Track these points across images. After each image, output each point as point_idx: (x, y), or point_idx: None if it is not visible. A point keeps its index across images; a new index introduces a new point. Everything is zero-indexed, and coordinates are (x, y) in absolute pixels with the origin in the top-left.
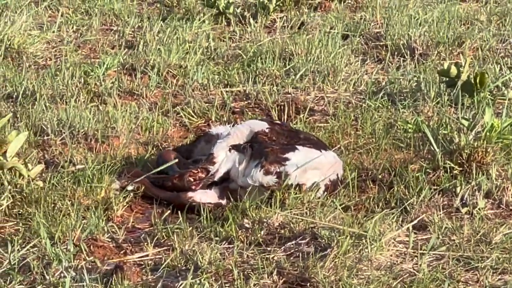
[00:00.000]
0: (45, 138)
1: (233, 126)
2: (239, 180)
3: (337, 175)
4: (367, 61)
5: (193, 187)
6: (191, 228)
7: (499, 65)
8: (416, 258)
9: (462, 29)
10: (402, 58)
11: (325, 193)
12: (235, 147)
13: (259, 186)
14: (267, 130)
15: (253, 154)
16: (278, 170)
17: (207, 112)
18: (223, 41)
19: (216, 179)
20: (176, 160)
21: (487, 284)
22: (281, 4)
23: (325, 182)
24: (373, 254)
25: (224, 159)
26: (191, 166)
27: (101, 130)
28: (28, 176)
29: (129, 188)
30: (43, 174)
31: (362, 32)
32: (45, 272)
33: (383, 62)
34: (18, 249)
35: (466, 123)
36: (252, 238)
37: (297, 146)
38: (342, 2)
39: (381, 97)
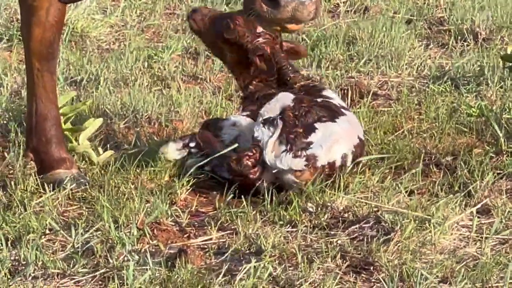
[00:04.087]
0: (109, 121)
1: None
2: (267, 157)
3: (358, 136)
4: (430, 45)
5: (251, 175)
6: (254, 212)
7: None
8: (479, 242)
9: None
10: (465, 43)
11: (355, 159)
12: (266, 121)
13: (289, 169)
14: (292, 104)
15: (281, 134)
16: (306, 154)
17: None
18: None
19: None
20: (237, 145)
21: None
22: None
23: (351, 150)
24: (437, 238)
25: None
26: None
27: (165, 114)
28: (97, 162)
29: (191, 144)
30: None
31: (426, 17)
32: (108, 255)
33: (446, 46)
34: (81, 233)
35: None
36: (316, 222)
37: (315, 125)
38: None
39: (445, 82)
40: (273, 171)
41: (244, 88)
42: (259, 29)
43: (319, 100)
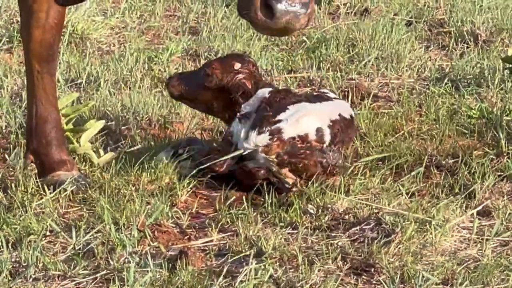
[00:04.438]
0: (109, 123)
1: None
2: (239, 144)
3: (340, 114)
4: (430, 47)
5: (218, 168)
6: (255, 213)
7: None
8: (480, 244)
9: None
10: (465, 45)
11: (337, 137)
12: (242, 116)
13: (255, 146)
14: (268, 95)
15: (251, 124)
16: (270, 128)
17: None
18: None
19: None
20: (241, 151)
21: None
22: None
23: (328, 124)
24: (438, 240)
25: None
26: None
27: (165, 115)
28: (98, 163)
29: (180, 151)
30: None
31: (426, 19)
32: (109, 257)
33: (446, 48)
34: (82, 235)
35: None
36: (317, 223)
37: (288, 106)
38: None
39: (445, 84)
40: (244, 153)
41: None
42: (236, 66)
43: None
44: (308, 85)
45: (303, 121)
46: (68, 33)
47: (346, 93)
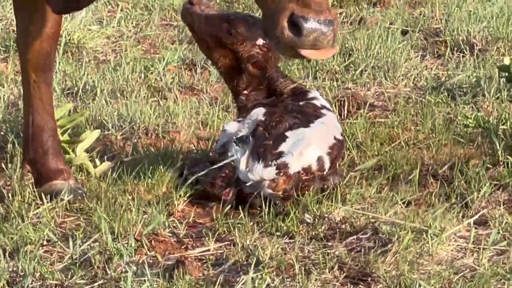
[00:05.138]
0: (106, 133)
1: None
2: (241, 174)
3: (335, 137)
4: (426, 56)
5: (224, 196)
6: (252, 223)
7: None
8: (477, 253)
9: None
10: (461, 54)
11: (336, 161)
12: (239, 140)
13: (261, 179)
14: (263, 118)
15: (252, 150)
16: (276, 162)
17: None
18: None
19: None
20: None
21: None
22: (340, 0)
23: (326, 151)
24: (434, 249)
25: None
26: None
27: (162, 125)
28: (95, 173)
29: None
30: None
31: (422, 28)
32: (106, 266)
33: (442, 57)
34: (79, 244)
35: None
36: (313, 233)
37: (285, 134)
38: None
39: (441, 93)
40: (247, 184)
41: (235, 98)
42: (259, 42)
43: (301, 103)
44: None
45: (306, 152)
46: (64, 42)
47: (342, 102)
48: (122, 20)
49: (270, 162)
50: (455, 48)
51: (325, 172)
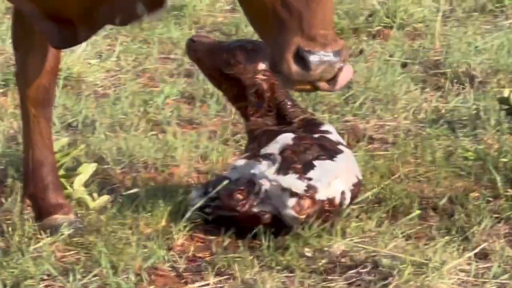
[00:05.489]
0: (105, 167)
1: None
2: (268, 181)
3: (356, 176)
4: (426, 88)
5: (239, 207)
6: (252, 257)
7: None
8: (478, 287)
9: None
10: (461, 86)
11: (353, 199)
12: (263, 156)
13: (290, 191)
14: (292, 143)
15: (281, 166)
16: (308, 182)
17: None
18: None
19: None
20: (227, 181)
21: None
22: (339, 32)
23: (350, 188)
24: (435, 282)
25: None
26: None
27: (161, 159)
28: (93, 207)
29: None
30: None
31: (421, 60)
32: None
33: (442, 89)
34: (79, 278)
35: None
36: (313, 267)
37: (314, 163)
38: (401, 30)
39: (441, 125)
40: (274, 197)
41: (244, 123)
42: (260, 67)
43: (316, 136)
44: None
45: (334, 184)
46: (63, 76)
47: (341, 135)
48: (121, 53)
49: (300, 178)
50: (455, 80)
51: (343, 207)
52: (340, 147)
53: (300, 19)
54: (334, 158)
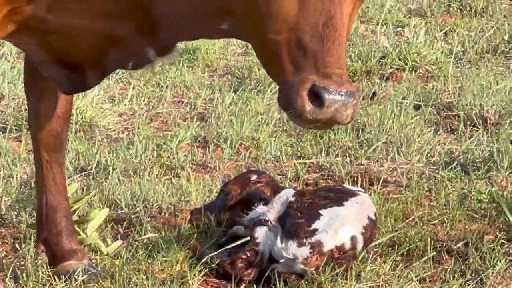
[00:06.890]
0: (119, 212)
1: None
2: (273, 252)
3: (368, 217)
4: (439, 131)
5: (245, 277)
6: None
7: None
8: None
9: None
10: (474, 128)
11: (369, 241)
12: (269, 223)
13: (294, 258)
14: (293, 199)
15: (284, 232)
16: (311, 241)
17: (281, 184)
18: None
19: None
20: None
21: None
22: (352, 74)
23: (361, 232)
24: None
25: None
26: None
27: (175, 203)
28: (107, 253)
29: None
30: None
31: (434, 102)
32: None
33: (455, 132)
34: None
35: None
36: None
37: (320, 212)
38: (414, 72)
39: (454, 168)
40: (281, 261)
41: None
42: (253, 177)
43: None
44: (317, 171)
45: (341, 231)
46: (76, 121)
47: (355, 178)
48: (134, 97)
49: (304, 241)
50: (468, 122)
51: (357, 251)
52: (355, 191)
53: (316, 58)
54: (344, 203)
